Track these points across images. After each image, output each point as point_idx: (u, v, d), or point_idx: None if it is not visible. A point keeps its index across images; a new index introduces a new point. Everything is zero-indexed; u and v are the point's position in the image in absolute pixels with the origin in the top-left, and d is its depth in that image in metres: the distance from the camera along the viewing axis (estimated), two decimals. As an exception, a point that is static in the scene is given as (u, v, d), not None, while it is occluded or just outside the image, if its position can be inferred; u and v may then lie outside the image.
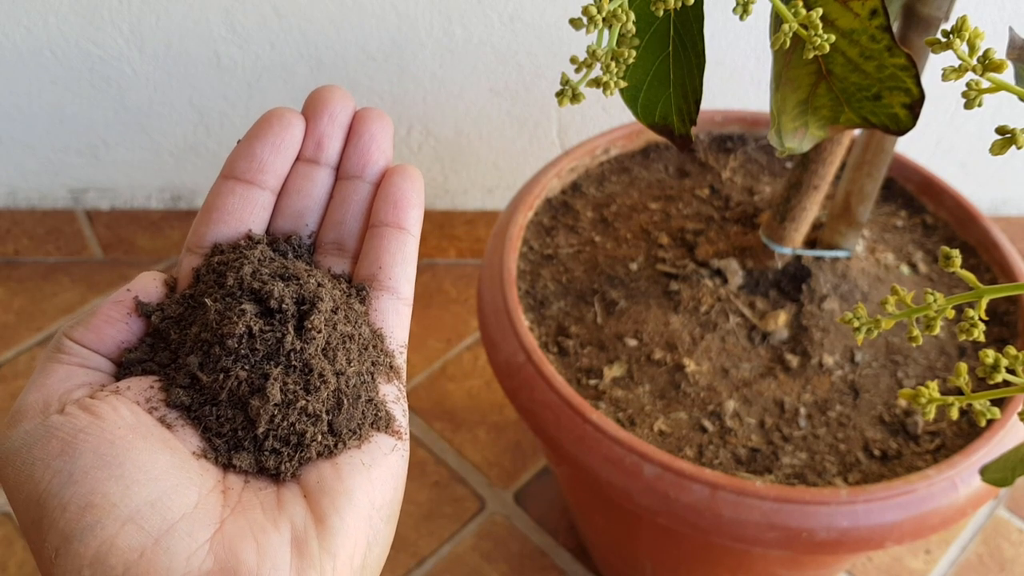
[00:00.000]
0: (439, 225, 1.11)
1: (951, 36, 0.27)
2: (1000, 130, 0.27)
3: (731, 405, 0.65)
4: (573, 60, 0.30)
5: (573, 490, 0.75)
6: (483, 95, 0.98)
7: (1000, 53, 0.28)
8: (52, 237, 1.11)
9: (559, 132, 1.02)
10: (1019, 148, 0.27)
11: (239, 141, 0.33)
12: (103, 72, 0.95)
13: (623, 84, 0.31)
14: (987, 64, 0.27)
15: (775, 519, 0.57)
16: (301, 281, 0.31)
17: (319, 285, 0.31)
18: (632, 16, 0.30)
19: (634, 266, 0.74)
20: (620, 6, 0.30)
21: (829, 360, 0.67)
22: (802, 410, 0.65)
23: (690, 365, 0.67)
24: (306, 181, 0.34)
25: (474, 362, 1.03)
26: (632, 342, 0.69)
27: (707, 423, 0.65)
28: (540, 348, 0.65)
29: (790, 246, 0.71)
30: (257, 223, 0.33)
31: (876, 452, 0.63)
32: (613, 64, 0.30)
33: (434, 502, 0.90)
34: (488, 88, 0.97)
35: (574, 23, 0.30)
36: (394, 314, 0.33)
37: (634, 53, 0.30)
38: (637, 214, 0.79)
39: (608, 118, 1.00)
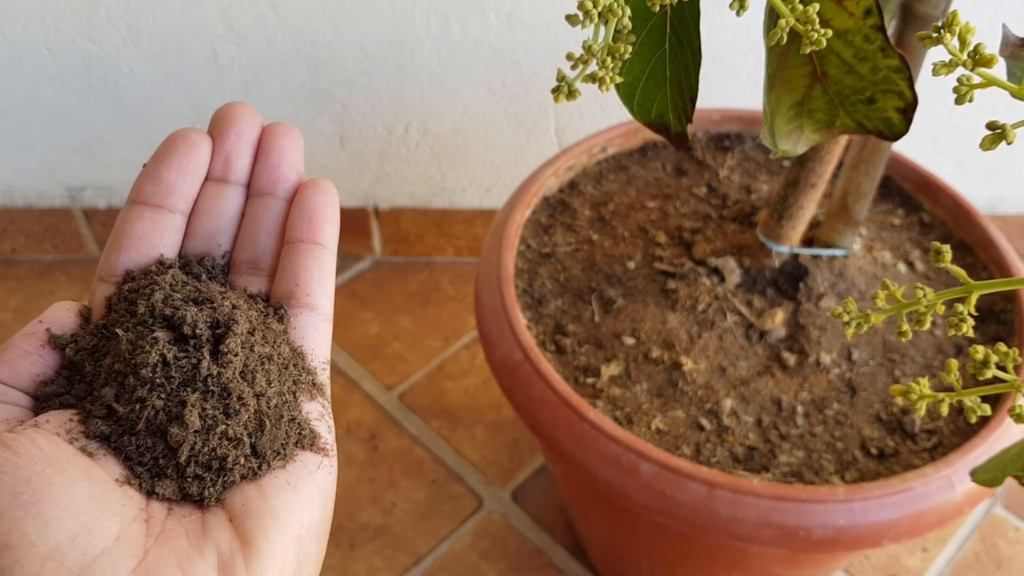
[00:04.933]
0: (436, 223, 1.11)
1: (942, 31, 0.27)
2: (990, 125, 0.27)
3: (728, 403, 0.65)
4: (569, 56, 0.30)
5: (570, 488, 0.76)
6: (481, 93, 0.98)
7: (995, 51, 0.28)
8: (49, 235, 1.11)
9: (557, 130, 1.02)
10: (1009, 143, 0.27)
11: (145, 165, 0.33)
12: (100, 70, 0.95)
13: (619, 79, 0.31)
14: (977, 59, 0.27)
15: (772, 517, 0.57)
16: (215, 304, 0.31)
17: (234, 307, 0.31)
18: (628, 12, 0.30)
19: (632, 264, 0.74)
20: (616, 1, 0.30)
21: (826, 358, 0.68)
22: (799, 408, 0.65)
23: (687, 363, 0.67)
24: (216, 201, 0.33)
25: (472, 360, 1.03)
26: (629, 340, 0.69)
27: (704, 421, 0.65)
28: (538, 346, 0.66)
29: (787, 244, 0.71)
30: (168, 247, 0.33)
31: (873, 450, 0.63)
32: (609, 59, 0.30)
33: (432, 500, 0.90)
34: (486, 86, 0.97)
35: (570, 19, 0.30)
36: (314, 331, 0.33)
37: (630, 49, 0.30)
38: (635, 212, 0.79)
39: (606, 116, 1.00)
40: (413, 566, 0.86)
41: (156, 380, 0.29)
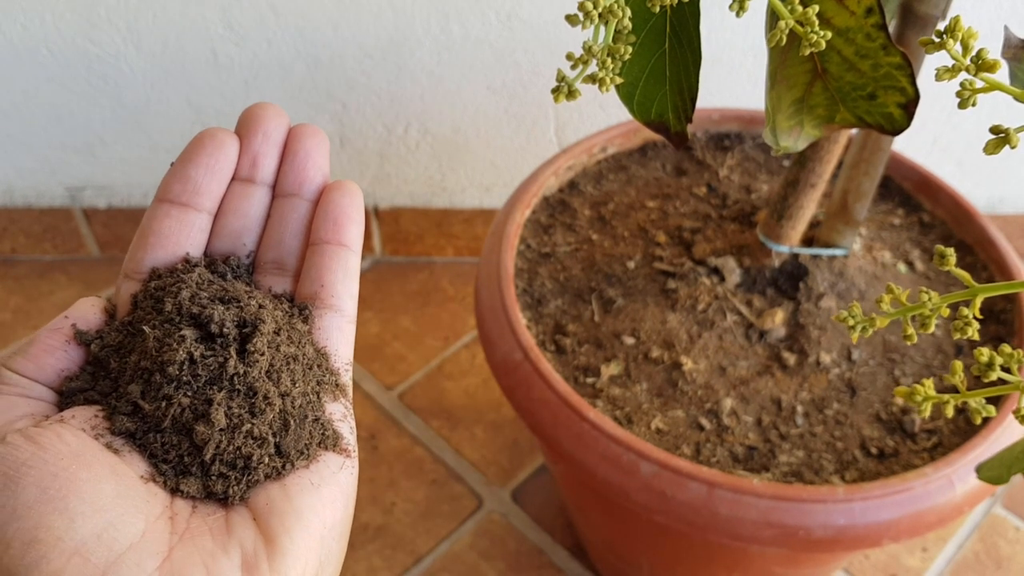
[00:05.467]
0: (436, 223, 1.11)
1: (944, 36, 0.27)
2: (994, 129, 0.27)
3: (728, 403, 0.65)
4: (569, 56, 0.30)
5: (570, 488, 0.75)
6: (481, 93, 0.98)
7: (996, 52, 0.28)
8: (49, 235, 1.11)
9: (557, 130, 1.02)
10: (1013, 147, 0.27)
11: (172, 164, 0.33)
12: (100, 70, 0.95)
13: (618, 80, 0.30)
14: (980, 64, 0.27)
15: (772, 517, 0.57)
16: (242, 303, 0.31)
17: (260, 307, 0.31)
18: (628, 12, 0.30)
19: (631, 264, 0.74)
20: (616, 2, 0.29)
21: (826, 358, 0.68)
22: (799, 408, 0.65)
23: (687, 363, 0.67)
24: (242, 201, 0.33)
25: (471, 360, 1.03)
26: (629, 340, 0.69)
27: (704, 421, 0.65)
28: (537, 346, 0.65)
29: (787, 244, 0.71)
30: (194, 246, 0.33)
31: (873, 450, 0.63)
32: (609, 60, 0.30)
33: (432, 500, 0.90)
34: (486, 86, 0.97)
35: (570, 19, 0.30)
36: (338, 332, 0.33)
37: (630, 49, 0.30)
38: (634, 212, 0.79)
39: (606, 116, 1.00)
40: (413, 566, 0.86)
41: (183, 378, 0.29)
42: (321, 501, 0.29)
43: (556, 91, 0.30)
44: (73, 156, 1.03)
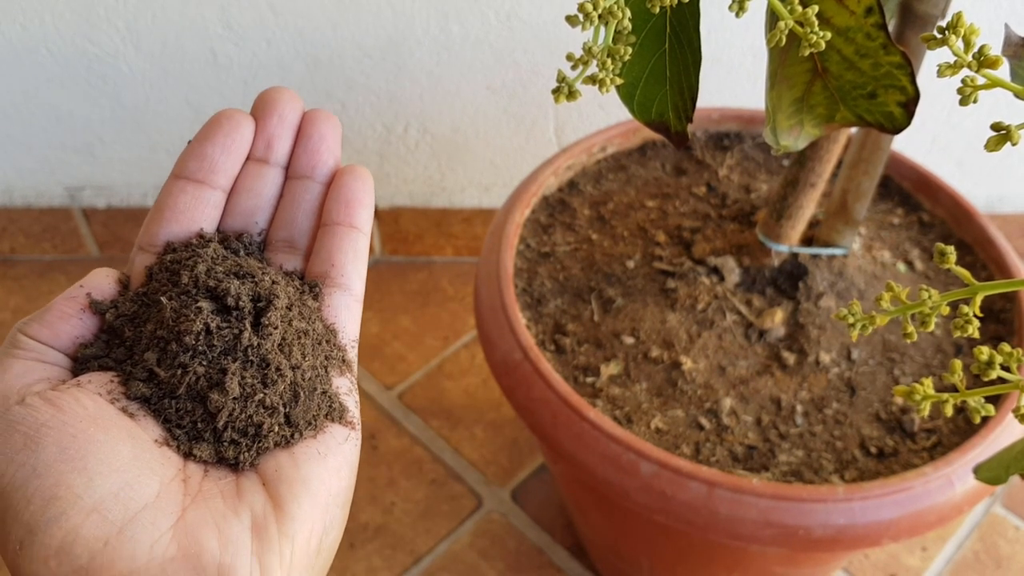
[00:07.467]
0: (436, 223, 1.11)
1: (947, 32, 0.27)
2: (995, 126, 0.27)
3: (728, 403, 0.65)
4: (569, 57, 0.30)
5: (570, 488, 0.76)
6: (480, 93, 0.98)
7: (996, 50, 0.28)
8: (48, 235, 1.11)
9: (556, 130, 1.02)
10: (1014, 144, 0.27)
11: (189, 142, 0.34)
12: (99, 70, 0.95)
13: (619, 81, 0.30)
14: (982, 60, 0.27)
15: (772, 516, 0.57)
16: (256, 279, 0.32)
17: (274, 282, 0.32)
18: (628, 13, 0.30)
19: (631, 264, 0.74)
20: (616, 3, 0.29)
21: (826, 358, 0.68)
22: (799, 408, 0.65)
23: (687, 363, 0.67)
24: (256, 180, 0.34)
25: (471, 360, 1.03)
26: (629, 340, 0.69)
27: (704, 421, 0.65)
28: (537, 346, 0.65)
29: (787, 244, 0.71)
30: (208, 222, 0.34)
31: (873, 450, 0.63)
32: (609, 61, 0.30)
33: (431, 500, 0.90)
34: (485, 86, 0.97)
35: (570, 20, 0.30)
36: (346, 310, 0.34)
37: (630, 50, 0.30)
38: (634, 212, 0.79)
39: (605, 116, 1.00)
40: (413, 566, 0.86)
41: (199, 348, 0.30)
42: (327, 470, 0.30)
43: (556, 92, 0.30)
44: (72, 156, 1.03)
